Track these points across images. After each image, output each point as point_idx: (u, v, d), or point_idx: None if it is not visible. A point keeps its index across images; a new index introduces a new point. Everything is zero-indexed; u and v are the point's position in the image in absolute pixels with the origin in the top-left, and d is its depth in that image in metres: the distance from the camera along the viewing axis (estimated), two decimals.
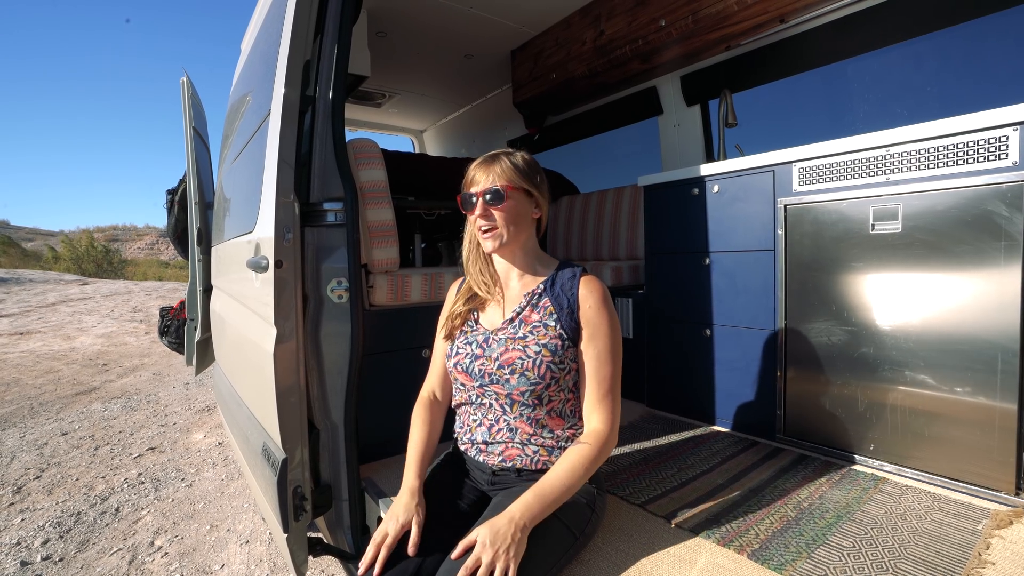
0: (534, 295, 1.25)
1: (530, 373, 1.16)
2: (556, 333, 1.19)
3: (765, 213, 1.80)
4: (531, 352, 1.18)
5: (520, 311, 1.25)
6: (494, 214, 1.20)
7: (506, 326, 1.24)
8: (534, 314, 1.23)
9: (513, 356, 1.19)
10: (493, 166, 1.22)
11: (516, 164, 1.23)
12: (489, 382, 1.20)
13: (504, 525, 1.00)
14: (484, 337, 1.25)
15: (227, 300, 2.19)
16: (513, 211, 1.21)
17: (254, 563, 2.30)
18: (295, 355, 1.42)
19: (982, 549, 1.13)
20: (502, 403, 1.21)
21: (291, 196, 1.40)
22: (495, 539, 0.98)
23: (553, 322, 1.20)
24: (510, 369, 1.18)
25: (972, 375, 1.38)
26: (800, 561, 1.12)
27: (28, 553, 2.40)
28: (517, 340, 1.20)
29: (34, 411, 4.54)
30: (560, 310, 1.21)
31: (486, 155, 1.25)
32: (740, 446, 1.79)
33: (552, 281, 1.25)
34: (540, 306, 1.23)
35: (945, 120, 1.39)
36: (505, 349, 1.20)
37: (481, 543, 0.98)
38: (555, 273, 1.27)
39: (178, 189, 3.29)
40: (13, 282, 13.89)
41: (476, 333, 1.28)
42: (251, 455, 1.68)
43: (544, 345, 1.18)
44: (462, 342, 1.28)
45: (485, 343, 1.24)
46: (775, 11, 2.09)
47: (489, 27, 2.99)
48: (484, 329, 1.27)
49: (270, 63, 1.63)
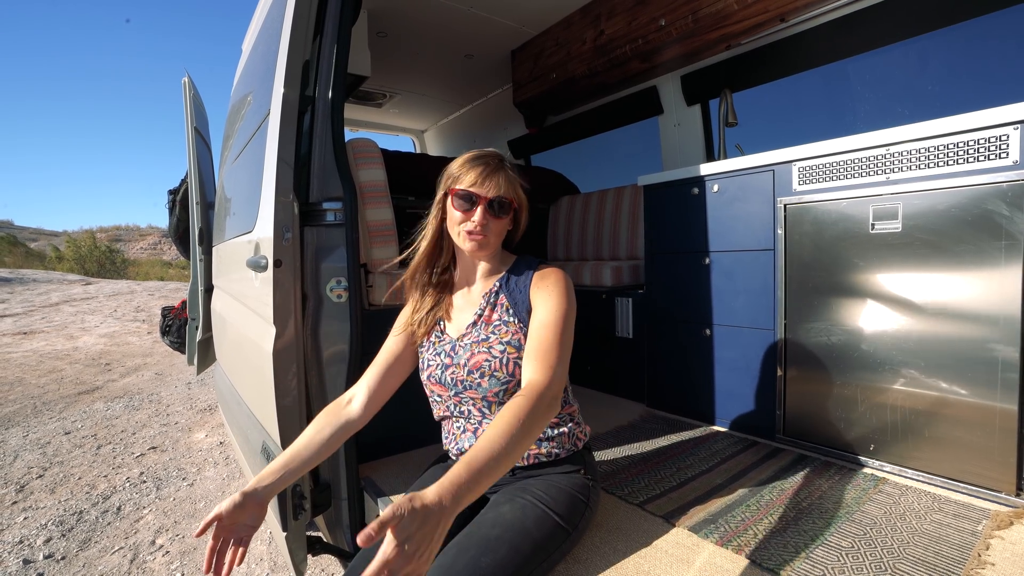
0: (491, 293, 1.25)
1: (499, 373, 1.16)
2: (516, 328, 1.19)
3: (765, 213, 1.79)
4: (496, 352, 1.17)
5: (481, 313, 1.24)
6: (491, 222, 1.18)
7: (470, 330, 1.23)
8: (494, 313, 1.23)
9: (480, 359, 1.18)
10: (497, 174, 1.18)
11: (517, 178, 1.22)
12: (463, 389, 1.20)
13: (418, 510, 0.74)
14: (451, 345, 1.24)
15: (228, 300, 2.20)
16: (507, 224, 1.23)
17: (254, 562, 2.31)
18: (294, 354, 1.42)
19: (982, 550, 1.13)
20: (480, 407, 1.20)
21: (290, 196, 1.40)
22: (402, 531, 0.72)
23: (511, 317, 1.20)
24: (479, 373, 1.17)
25: (972, 375, 1.37)
26: (799, 561, 1.12)
27: (31, 551, 2.41)
28: (481, 343, 1.20)
29: (37, 410, 4.56)
30: (515, 304, 1.20)
31: (481, 154, 1.22)
32: (740, 446, 1.79)
33: (507, 277, 1.25)
34: (498, 304, 1.23)
35: (945, 119, 1.38)
36: (472, 354, 1.19)
37: (388, 539, 0.72)
38: (511, 269, 1.27)
39: (180, 189, 3.30)
40: (17, 282, 13.95)
41: (443, 343, 1.26)
42: (251, 454, 1.68)
43: (507, 343, 1.18)
44: (431, 353, 1.27)
45: (452, 351, 1.23)
46: (775, 10, 2.08)
47: (489, 27, 2.99)
48: (450, 337, 1.26)
49: (270, 63, 1.63)
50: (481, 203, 1.17)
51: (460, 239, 1.21)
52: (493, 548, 0.99)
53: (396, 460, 1.72)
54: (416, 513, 0.73)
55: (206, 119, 3.39)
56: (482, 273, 1.28)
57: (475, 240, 1.18)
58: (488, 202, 1.17)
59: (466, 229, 1.18)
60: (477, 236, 1.18)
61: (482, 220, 1.17)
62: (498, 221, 1.19)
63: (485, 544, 0.99)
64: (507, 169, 1.21)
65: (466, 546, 1.00)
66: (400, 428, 1.72)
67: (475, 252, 1.21)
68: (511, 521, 1.05)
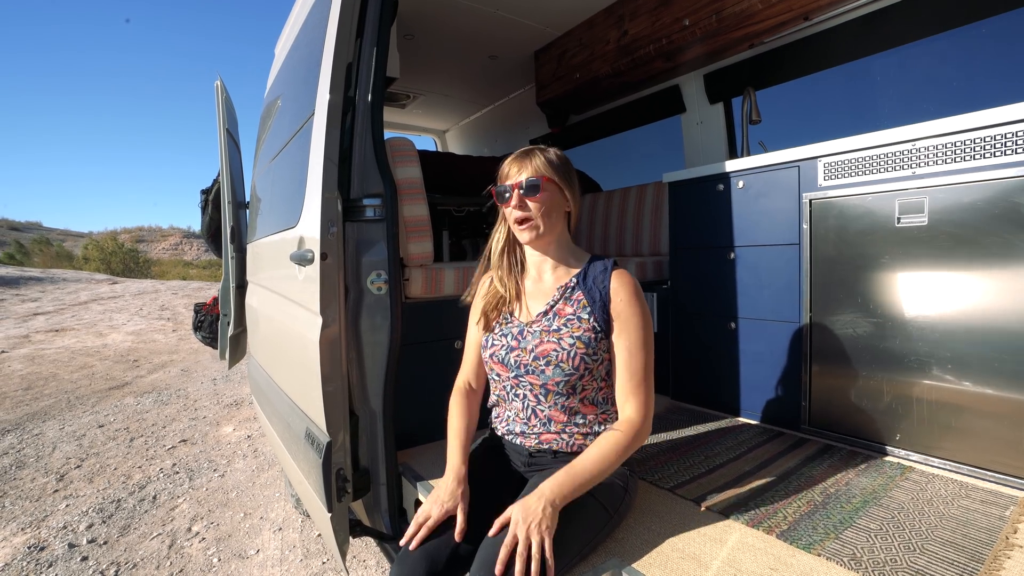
0: (567, 288, 1.29)
1: (565, 365, 1.20)
2: (589, 326, 1.23)
3: (790, 208, 1.82)
4: (565, 344, 1.22)
5: (554, 304, 1.28)
6: (530, 205, 1.23)
7: (540, 319, 1.28)
8: (568, 307, 1.27)
9: (548, 348, 1.23)
10: (528, 160, 1.25)
11: (550, 159, 1.26)
12: (524, 372, 1.25)
13: (535, 503, 1.05)
14: (519, 329, 1.29)
15: (266, 294, 2.27)
16: (548, 202, 1.24)
17: (288, 549, 2.39)
18: (338, 344, 1.49)
19: (1009, 533, 1.16)
20: (536, 393, 1.25)
21: (335, 192, 1.46)
22: (527, 516, 1.03)
23: (586, 315, 1.24)
24: (545, 361, 1.22)
25: (1000, 367, 1.39)
26: (828, 541, 1.16)
27: (75, 536, 2.52)
28: (551, 332, 1.24)
29: (71, 404, 4.71)
30: (593, 303, 1.24)
31: (520, 151, 1.29)
32: (765, 436, 1.83)
33: (584, 274, 1.29)
34: (573, 299, 1.27)
35: (971, 114, 1.41)
36: (540, 341, 1.24)
37: (515, 521, 1.03)
38: (587, 266, 1.31)
39: (212, 189, 3.39)
40: (48, 281, 14.32)
41: (511, 325, 1.31)
42: (292, 441, 1.75)
43: (578, 337, 1.22)
44: (497, 334, 1.32)
45: (520, 335, 1.28)
46: (799, 9, 2.11)
47: (513, 28, 3.04)
48: (519, 321, 1.31)
49: (311, 66, 1.70)
50: (514, 189, 1.24)
51: (516, 232, 1.27)
52: None
53: (432, 447, 1.78)
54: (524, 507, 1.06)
55: (236, 121, 3.48)
56: (554, 265, 1.33)
57: (525, 228, 1.24)
58: (519, 186, 1.23)
59: (514, 219, 1.25)
60: (525, 223, 1.24)
61: (519, 204, 1.23)
62: (535, 200, 1.23)
63: None
64: (538, 154, 1.26)
65: None
66: (437, 416, 1.78)
67: (532, 241, 1.27)
68: None
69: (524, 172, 1.24)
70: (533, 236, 1.25)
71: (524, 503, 1.06)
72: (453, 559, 1.08)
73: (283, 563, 2.28)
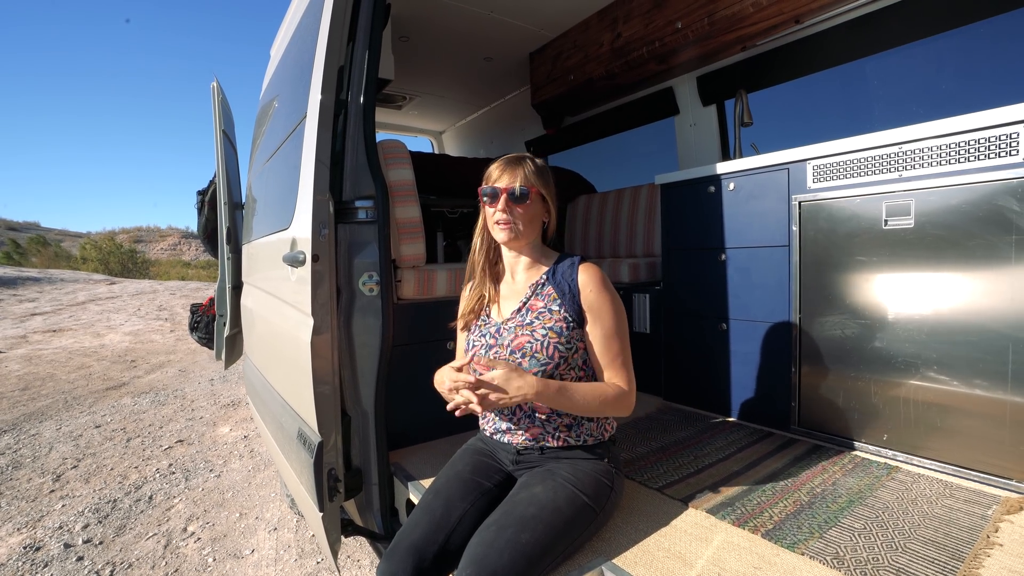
0: (538, 284, 1.35)
1: (539, 355, 1.25)
2: (560, 316, 1.29)
3: (780, 210, 1.84)
4: (539, 335, 1.27)
5: (526, 300, 1.35)
6: (514, 210, 1.30)
7: (514, 315, 1.34)
8: (539, 301, 1.33)
9: (523, 341, 1.28)
10: (519, 167, 1.31)
11: (538, 169, 1.33)
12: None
13: (524, 375, 1.18)
14: (496, 328, 1.35)
15: (260, 295, 2.29)
16: (530, 211, 1.32)
17: (282, 548, 2.40)
18: (330, 345, 1.50)
19: (991, 532, 1.17)
20: None
21: (326, 194, 1.48)
22: (510, 376, 1.16)
23: (557, 307, 1.30)
24: (521, 353, 1.27)
25: (984, 368, 1.41)
26: (812, 540, 1.17)
27: (70, 536, 2.52)
28: (525, 326, 1.30)
29: (68, 404, 4.71)
30: (563, 295, 1.30)
31: (509, 156, 1.35)
32: (755, 436, 1.84)
33: (553, 271, 1.36)
34: (544, 294, 1.33)
35: (956, 118, 1.42)
36: (515, 336, 1.30)
37: (503, 374, 1.16)
38: (556, 264, 1.37)
39: (208, 190, 3.40)
40: (46, 281, 14.31)
41: (489, 325, 1.38)
42: (286, 441, 1.76)
43: (550, 328, 1.27)
44: (476, 335, 1.38)
45: (497, 333, 1.34)
46: (790, 12, 2.12)
47: (508, 30, 3.06)
48: (495, 321, 1.37)
49: (304, 69, 1.71)
50: (503, 194, 1.29)
51: (494, 231, 1.33)
52: (531, 526, 1.07)
53: (424, 447, 1.80)
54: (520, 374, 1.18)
55: (232, 122, 3.49)
56: (526, 266, 1.39)
57: (504, 229, 1.30)
58: (508, 192, 1.29)
59: (494, 219, 1.31)
60: (505, 225, 1.30)
61: (504, 208, 1.29)
62: (521, 210, 1.30)
63: (523, 522, 1.08)
64: (528, 163, 1.33)
65: (505, 524, 1.08)
66: (428, 416, 1.79)
67: (508, 242, 1.34)
68: (544, 501, 1.14)
69: (515, 180, 1.30)
70: (511, 237, 1.31)
71: (516, 368, 1.19)
72: (440, 555, 1.11)
73: (278, 563, 2.29)
